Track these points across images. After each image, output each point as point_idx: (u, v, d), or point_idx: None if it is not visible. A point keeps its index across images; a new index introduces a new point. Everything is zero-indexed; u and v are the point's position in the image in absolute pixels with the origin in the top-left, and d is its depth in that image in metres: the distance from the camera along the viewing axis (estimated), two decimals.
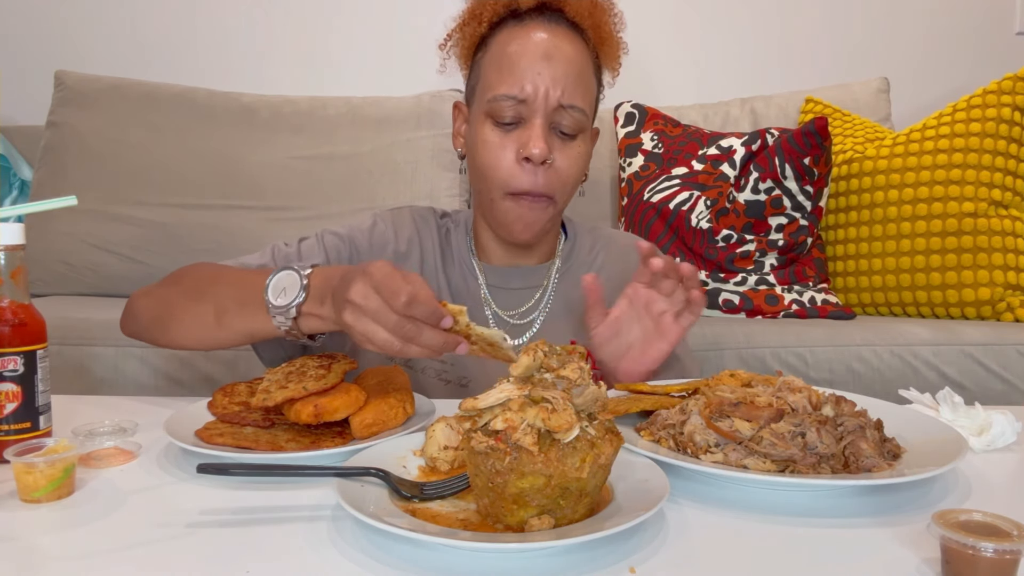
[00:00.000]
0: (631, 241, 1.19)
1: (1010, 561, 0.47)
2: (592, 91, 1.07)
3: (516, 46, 1.03)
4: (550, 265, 1.16)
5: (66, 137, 2.08)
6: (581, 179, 1.09)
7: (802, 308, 1.72)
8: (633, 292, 0.99)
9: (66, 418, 0.84)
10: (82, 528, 0.59)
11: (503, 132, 1.03)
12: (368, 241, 1.12)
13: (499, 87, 1.02)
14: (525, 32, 1.03)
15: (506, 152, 1.02)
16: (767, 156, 1.75)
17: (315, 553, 0.55)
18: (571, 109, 1.01)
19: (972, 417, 0.81)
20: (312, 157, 2.12)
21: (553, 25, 1.04)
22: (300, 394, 0.76)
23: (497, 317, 1.12)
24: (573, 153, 1.04)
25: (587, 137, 1.07)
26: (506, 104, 1.01)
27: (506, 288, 1.14)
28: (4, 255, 0.74)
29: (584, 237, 1.21)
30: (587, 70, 1.05)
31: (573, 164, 1.04)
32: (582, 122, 1.04)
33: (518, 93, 1.00)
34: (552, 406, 0.56)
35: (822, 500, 0.65)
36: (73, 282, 1.99)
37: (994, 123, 1.65)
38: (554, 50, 1.01)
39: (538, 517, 0.56)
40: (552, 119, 1.02)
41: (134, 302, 1.02)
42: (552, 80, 1.00)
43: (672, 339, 0.96)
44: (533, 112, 1.01)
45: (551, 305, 1.14)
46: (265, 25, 2.40)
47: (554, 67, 1.00)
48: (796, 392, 0.73)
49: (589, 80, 1.05)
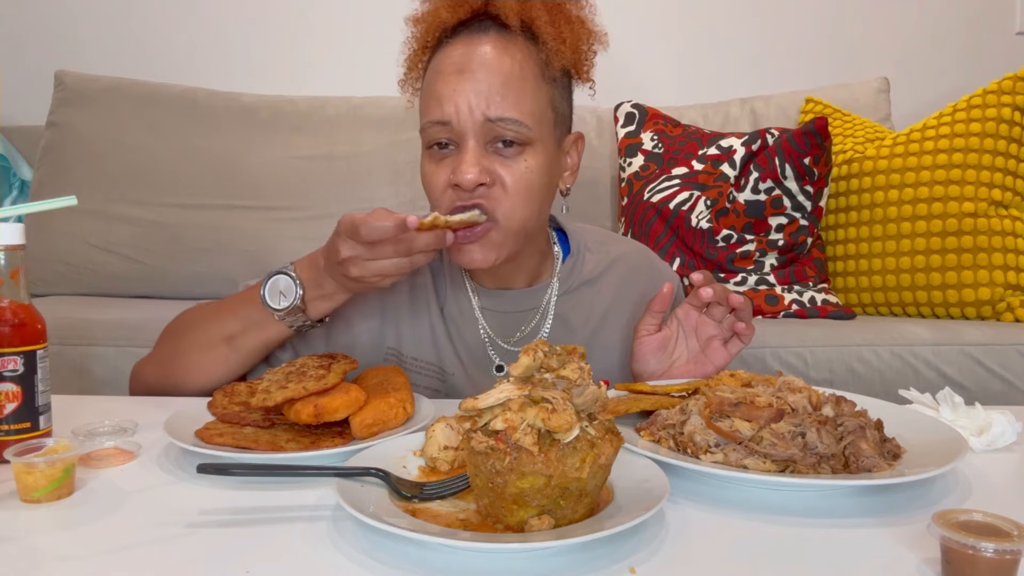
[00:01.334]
0: (644, 260, 1.15)
1: (1010, 561, 0.47)
2: (533, 97, 0.94)
3: (437, 66, 0.96)
4: (546, 286, 1.09)
5: (66, 137, 2.08)
6: (545, 194, 0.98)
7: (802, 308, 1.72)
8: (684, 314, 0.99)
9: (66, 418, 0.84)
10: (82, 528, 0.59)
11: (438, 159, 0.96)
12: None
13: (425, 114, 0.96)
14: (450, 49, 0.96)
15: (439, 179, 0.95)
16: (767, 156, 1.75)
17: (315, 553, 0.55)
18: (503, 122, 0.91)
19: (972, 417, 0.81)
20: (312, 157, 2.12)
21: (480, 35, 0.95)
22: (300, 394, 0.76)
23: (493, 343, 1.07)
24: (519, 169, 0.93)
25: (538, 150, 0.95)
26: (434, 130, 0.94)
27: (501, 312, 1.08)
28: (4, 255, 0.74)
29: (588, 255, 1.11)
30: (519, 73, 0.93)
31: (519, 181, 0.93)
32: (525, 134, 0.93)
33: (440, 117, 0.93)
34: (552, 406, 0.56)
35: (822, 500, 0.65)
36: (73, 282, 1.99)
37: (994, 123, 1.65)
38: (474, 63, 0.93)
39: (538, 517, 0.56)
40: (485, 137, 0.93)
41: (138, 373, 1.03)
42: (475, 95, 0.91)
43: (718, 364, 0.96)
44: (462, 134, 0.92)
45: (551, 329, 1.07)
46: (265, 25, 2.40)
47: (476, 80, 0.91)
48: (796, 392, 0.73)
49: (524, 84, 0.93)
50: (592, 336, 1.08)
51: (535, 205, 0.97)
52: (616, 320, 1.09)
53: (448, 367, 1.06)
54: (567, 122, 1.04)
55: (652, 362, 0.99)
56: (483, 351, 1.07)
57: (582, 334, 1.07)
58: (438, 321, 1.07)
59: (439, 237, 0.85)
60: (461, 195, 0.93)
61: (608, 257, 1.12)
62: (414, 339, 1.07)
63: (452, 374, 1.06)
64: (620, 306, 1.10)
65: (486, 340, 1.07)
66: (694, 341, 0.99)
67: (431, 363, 1.06)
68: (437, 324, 1.07)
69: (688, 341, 0.99)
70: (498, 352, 1.07)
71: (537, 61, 0.97)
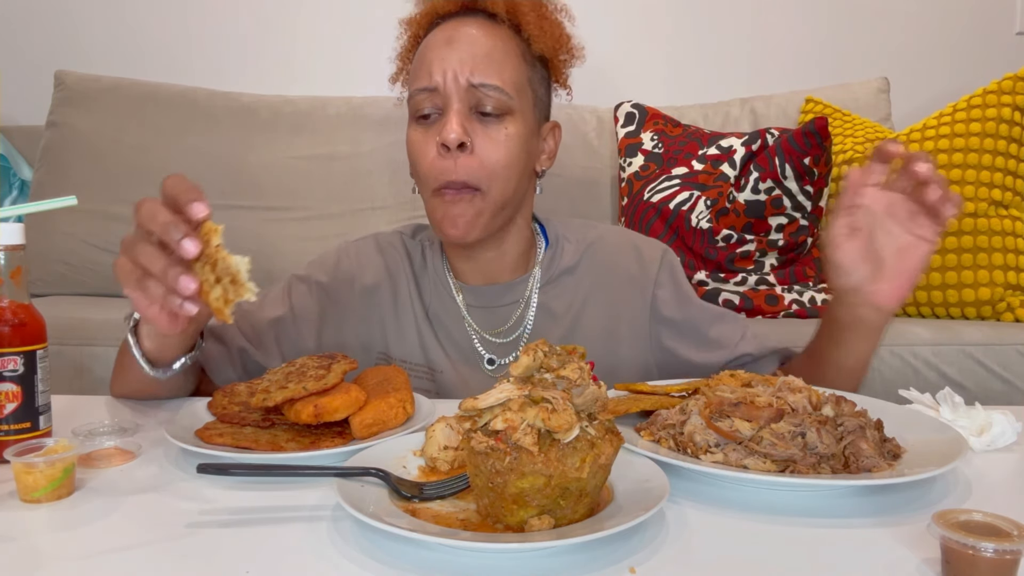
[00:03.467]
0: (623, 239, 1.15)
1: (1010, 561, 0.47)
2: (514, 70, 1.00)
3: (426, 42, 1.03)
4: (528, 278, 1.10)
5: (66, 137, 2.08)
6: (522, 165, 1.02)
7: (802, 308, 1.72)
8: (872, 199, 0.86)
9: (66, 418, 0.84)
10: (82, 528, 0.59)
11: (426, 128, 1.01)
12: (333, 278, 1.11)
13: (412, 83, 1.02)
14: (435, 32, 1.03)
15: (428, 147, 0.99)
16: (767, 156, 1.75)
17: (315, 553, 0.55)
18: (485, 87, 0.97)
19: (972, 417, 0.81)
20: (312, 157, 2.12)
21: (466, 18, 1.02)
22: (300, 394, 0.76)
23: (481, 338, 1.08)
24: (499, 136, 0.98)
25: (518, 120, 1.00)
26: (420, 97, 1.00)
27: (486, 307, 1.09)
28: (4, 255, 0.74)
29: (567, 244, 1.13)
30: (501, 48, 1.00)
31: (499, 147, 0.98)
32: (505, 102, 0.98)
33: (427, 83, 0.98)
34: (552, 406, 0.56)
35: (822, 500, 0.65)
36: (73, 282, 1.99)
37: (994, 123, 1.65)
38: (457, 34, 1.00)
39: (538, 517, 0.56)
40: (469, 102, 0.98)
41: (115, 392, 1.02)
42: (459, 62, 0.97)
43: (932, 237, 0.85)
44: (447, 99, 0.98)
45: (534, 319, 1.09)
46: (265, 25, 2.40)
47: (459, 49, 0.98)
48: (796, 392, 0.73)
49: (506, 58, 1.00)
50: (574, 322, 1.09)
51: (513, 175, 1.01)
52: (596, 304, 1.10)
53: (437, 366, 1.08)
54: (546, 109, 1.09)
55: (862, 268, 0.87)
56: (471, 347, 1.08)
57: (564, 321, 1.09)
58: (424, 323, 1.09)
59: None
60: (445, 160, 0.97)
61: (585, 242, 1.13)
62: (401, 342, 1.09)
63: (441, 372, 1.07)
64: (600, 289, 1.10)
65: (473, 336, 1.09)
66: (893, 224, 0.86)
67: (419, 364, 1.08)
68: (423, 326, 1.09)
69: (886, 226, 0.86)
70: (485, 346, 1.09)
71: (518, 43, 1.03)
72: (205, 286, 0.67)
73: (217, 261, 0.66)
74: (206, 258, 0.67)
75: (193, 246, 0.65)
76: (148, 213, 0.69)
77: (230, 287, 0.66)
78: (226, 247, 0.67)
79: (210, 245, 0.66)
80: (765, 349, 1.09)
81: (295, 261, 1.99)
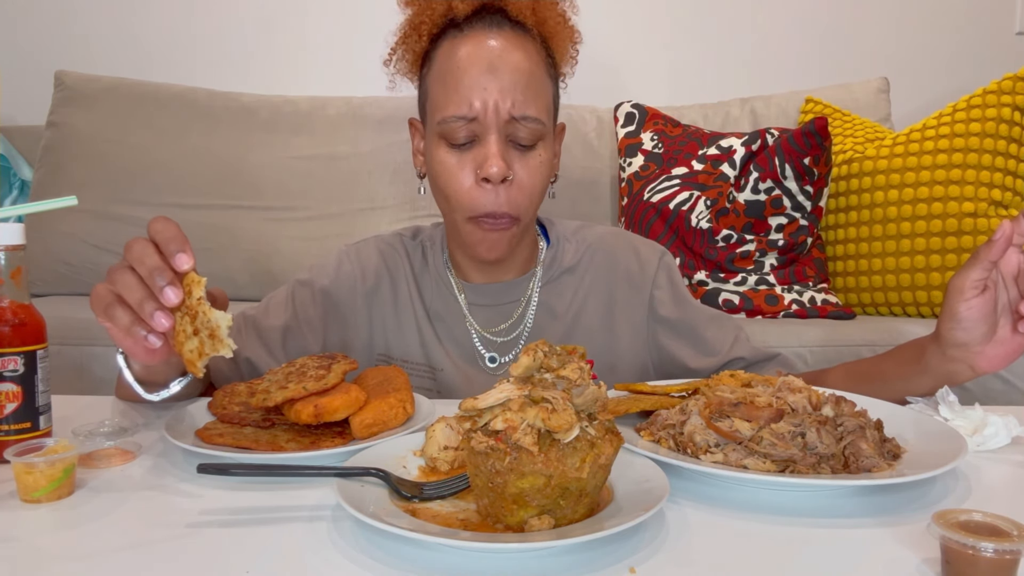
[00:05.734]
0: (621, 240, 1.15)
1: (1010, 561, 0.47)
2: (546, 94, 1.00)
3: (458, 60, 0.97)
4: (530, 276, 1.11)
5: (66, 137, 2.08)
6: (548, 186, 1.04)
7: (802, 308, 1.72)
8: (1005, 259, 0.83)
9: (66, 418, 0.84)
10: (82, 528, 0.59)
11: (459, 153, 0.97)
12: (335, 282, 1.11)
13: (447, 108, 0.96)
14: (466, 43, 0.97)
15: (464, 174, 0.97)
16: (767, 156, 1.75)
17: (315, 553, 0.55)
18: (526, 120, 0.96)
19: (969, 417, 0.81)
20: (312, 157, 2.12)
21: (495, 30, 0.98)
22: (300, 394, 0.76)
23: (481, 336, 1.09)
24: (534, 164, 0.99)
25: (548, 143, 1.01)
26: (456, 125, 0.96)
27: (488, 305, 1.10)
28: (4, 255, 0.74)
29: (567, 244, 1.14)
30: (538, 73, 0.99)
31: (535, 175, 0.99)
32: (539, 131, 0.98)
33: (467, 112, 0.95)
34: (552, 406, 0.56)
35: (822, 500, 0.65)
36: (73, 282, 1.99)
37: (994, 123, 1.65)
38: (498, 60, 0.95)
39: (538, 517, 0.56)
40: (507, 132, 0.96)
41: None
42: (500, 92, 0.94)
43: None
44: (486, 129, 0.95)
45: (535, 317, 1.09)
46: (265, 25, 2.40)
47: (500, 78, 0.95)
48: (796, 392, 0.73)
49: (541, 83, 0.99)
50: (574, 320, 1.10)
51: (542, 197, 1.03)
52: (596, 304, 1.11)
53: (438, 365, 1.08)
54: (557, 114, 1.09)
55: (982, 327, 0.84)
56: (471, 345, 1.09)
57: (564, 320, 1.10)
58: (424, 322, 1.10)
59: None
60: (486, 191, 0.96)
61: (585, 243, 1.14)
62: (401, 342, 1.10)
63: (442, 370, 1.08)
64: (599, 289, 1.11)
65: (474, 334, 1.09)
66: (1013, 288, 0.83)
67: (420, 363, 1.09)
68: (424, 325, 1.10)
69: (1008, 289, 0.84)
70: (486, 344, 1.09)
71: (544, 58, 1.02)
72: (181, 336, 0.68)
73: (198, 314, 0.67)
74: (186, 309, 0.68)
75: (175, 295, 0.67)
76: (138, 255, 0.69)
77: (207, 341, 0.67)
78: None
79: (192, 296, 0.67)
80: (760, 354, 1.09)
81: (295, 261, 2.00)
